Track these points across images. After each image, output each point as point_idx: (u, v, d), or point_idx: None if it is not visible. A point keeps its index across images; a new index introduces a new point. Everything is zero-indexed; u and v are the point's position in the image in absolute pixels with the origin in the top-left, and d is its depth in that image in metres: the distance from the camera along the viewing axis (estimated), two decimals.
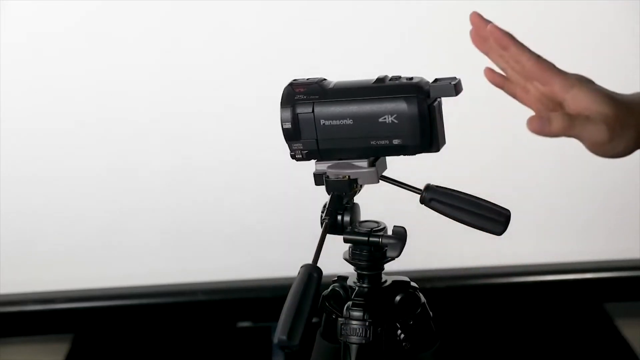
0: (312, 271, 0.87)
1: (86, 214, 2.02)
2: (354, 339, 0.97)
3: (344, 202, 0.97)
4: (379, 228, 0.98)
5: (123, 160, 2.00)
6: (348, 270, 1.02)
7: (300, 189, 0.95)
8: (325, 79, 0.97)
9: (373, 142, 0.95)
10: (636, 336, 2.06)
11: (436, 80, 0.94)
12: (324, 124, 0.95)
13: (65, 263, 2.04)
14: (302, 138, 0.96)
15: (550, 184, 2.06)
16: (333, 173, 0.97)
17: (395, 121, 0.93)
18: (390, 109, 0.93)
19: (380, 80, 0.95)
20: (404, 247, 0.95)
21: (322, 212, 0.96)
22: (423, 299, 1.03)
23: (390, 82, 0.94)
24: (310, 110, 0.95)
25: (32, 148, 1.97)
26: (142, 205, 2.02)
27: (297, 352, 0.87)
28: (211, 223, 2.05)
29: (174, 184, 2.02)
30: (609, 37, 1.94)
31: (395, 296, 1.00)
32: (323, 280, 0.89)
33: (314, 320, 0.88)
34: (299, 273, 0.87)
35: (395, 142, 0.94)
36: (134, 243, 2.04)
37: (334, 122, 0.95)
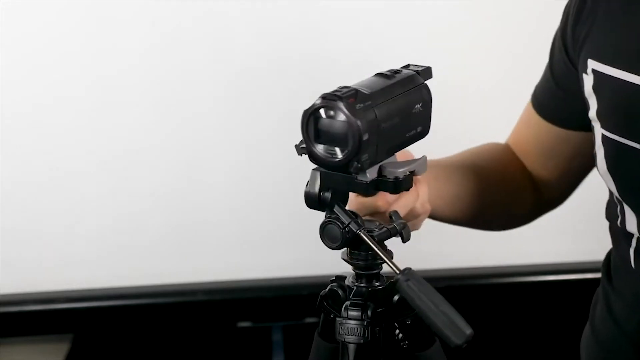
0: (412, 271, 0.89)
1: (86, 214, 2.02)
2: (352, 338, 0.96)
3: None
4: None
5: (123, 160, 2.00)
6: (346, 269, 1.02)
7: (301, 189, 0.94)
8: (348, 86, 0.91)
9: (407, 134, 0.94)
10: None
11: (418, 65, 0.96)
12: (382, 127, 0.90)
13: (65, 263, 2.04)
14: (369, 146, 0.89)
15: None
16: (400, 172, 0.93)
17: (422, 109, 0.94)
18: (418, 98, 0.94)
19: (397, 72, 0.94)
20: None
21: (328, 215, 0.93)
22: None
23: (406, 72, 0.94)
24: (373, 116, 0.89)
25: (32, 147, 1.97)
26: (142, 205, 2.02)
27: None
28: (211, 223, 2.05)
29: (174, 183, 2.02)
30: None
31: (394, 296, 1.00)
32: (320, 280, 0.88)
33: (311, 320, 0.88)
34: (407, 279, 0.88)
35: (419, 129, 0.95)
36: (134, 243, 2.04)
37: (388, 123, 0.91)
